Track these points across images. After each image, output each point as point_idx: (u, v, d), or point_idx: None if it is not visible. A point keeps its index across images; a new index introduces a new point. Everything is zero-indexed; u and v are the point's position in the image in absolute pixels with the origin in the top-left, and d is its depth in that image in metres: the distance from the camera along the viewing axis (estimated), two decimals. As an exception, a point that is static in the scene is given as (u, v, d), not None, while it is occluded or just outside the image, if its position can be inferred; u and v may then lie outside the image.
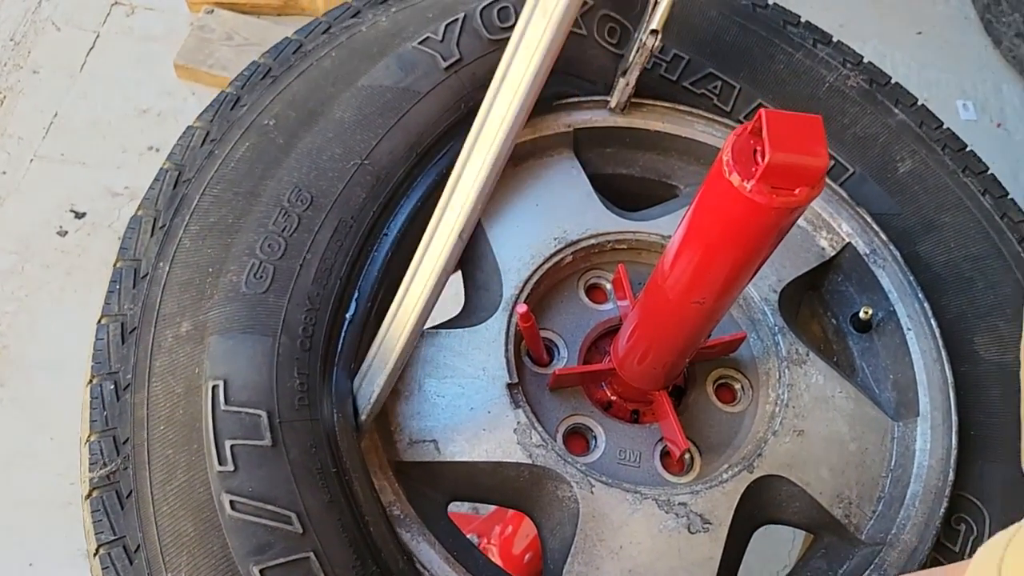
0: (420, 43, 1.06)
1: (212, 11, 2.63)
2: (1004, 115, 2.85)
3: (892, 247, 1.11)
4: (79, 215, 2.33)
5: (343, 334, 0.93)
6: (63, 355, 2.14)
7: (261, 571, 0.78)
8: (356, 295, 0.95)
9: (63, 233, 2.30)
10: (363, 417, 0.90)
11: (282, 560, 0.79)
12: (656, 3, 1.03)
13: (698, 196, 0.73)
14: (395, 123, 1.02)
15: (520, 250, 1.06)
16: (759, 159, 0.64)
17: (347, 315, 0.94)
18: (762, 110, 0.63)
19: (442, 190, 1.03)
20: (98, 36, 2.62)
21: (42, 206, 2.33)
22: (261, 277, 0.92)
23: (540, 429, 0.96)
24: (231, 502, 0.79)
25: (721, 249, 0.73)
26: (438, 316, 1.10)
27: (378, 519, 0.86)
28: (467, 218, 0.65)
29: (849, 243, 1.12)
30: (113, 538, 0.83)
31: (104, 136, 2.45)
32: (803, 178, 0.63)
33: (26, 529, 1.94)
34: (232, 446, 0.82)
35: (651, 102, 1.17)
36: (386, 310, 0.96)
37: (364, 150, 1.00)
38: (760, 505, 0.99)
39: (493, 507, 1.95)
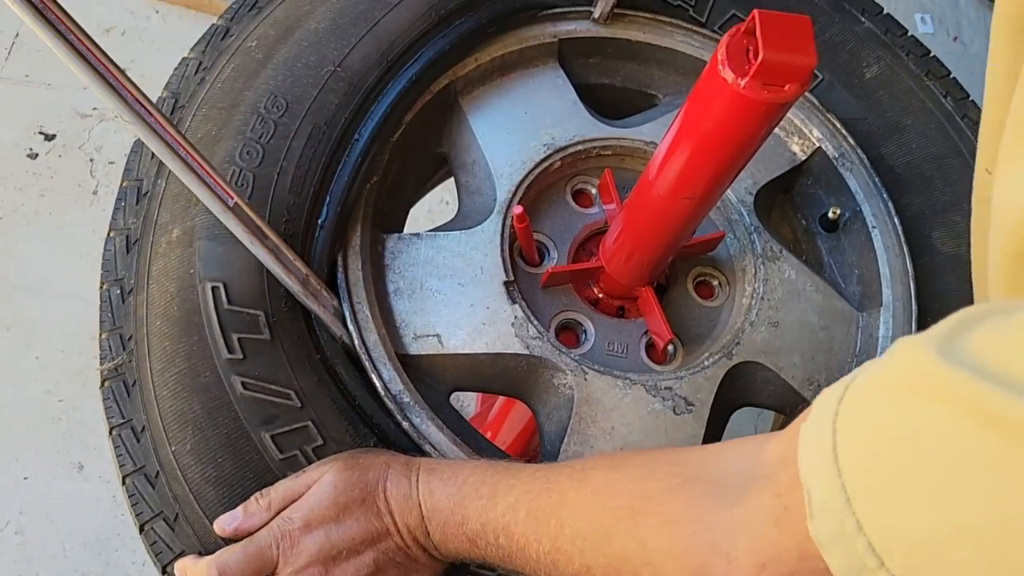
0: None
1: (172, -74, 2.57)
2: (960, 29, 2.92)
3: (859, 150, 1.18)
4: (48, 137, 2.31)
5: (316, 240, 0.99)
6: (43, 276, 2.16)
7: (272, 437, 0.90)
8: (328, 200, 1.00)
9: (33, 155, 2.28)
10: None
11: (287, 428, 0.91)
12: (640, -87, 1.07)
13: (691, 95, 0.78)
14: (367, 31, 1.06)
15: (511, 156, 1.11)
16: (752, 58, 0.69)
17: (319, 221, 0.99)
18: (755, 11, 0.68)
19: (413, 95, 1.08)
20: (55, -48, 2.55)
21: (10, 128, 2.31)
22: (242, 186, 0.97)
23: (536, 323, 1.02)
24: (243, 383, 0.91)
25: (713, 144, 0.78)
26: (429, 223, 1.15)
27: (363, 393, 0.95)
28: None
29: (819, 148, 1.19)
30: (122, 421, 0.93)
31: (68, 56, 2.41)
32: (793, 75, 0.69)
33: (18, 445, 1.98)
34: (239, 339, 0.92)
35: (632, 12, 1.21)
36: (352, 215, 1.01)
37: (337, 57, 1.04)
38: (738, 388, 1.07)
39: (472, 414, 2.03)
